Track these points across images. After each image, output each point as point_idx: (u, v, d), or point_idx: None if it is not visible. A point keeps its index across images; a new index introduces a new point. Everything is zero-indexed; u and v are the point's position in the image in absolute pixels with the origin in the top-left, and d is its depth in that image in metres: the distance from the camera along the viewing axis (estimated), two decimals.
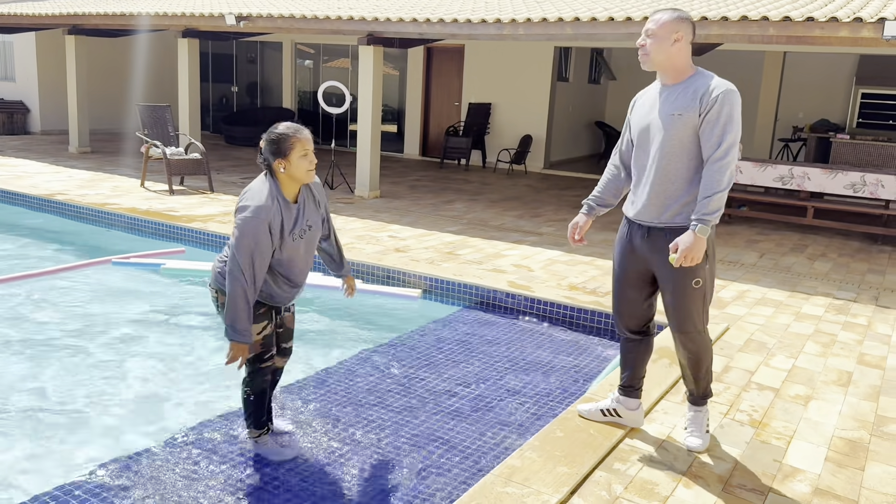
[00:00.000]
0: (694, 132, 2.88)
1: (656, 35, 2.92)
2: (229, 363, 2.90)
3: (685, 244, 2.80)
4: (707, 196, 2.82)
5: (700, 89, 2.87)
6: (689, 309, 2.99)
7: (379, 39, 8.96)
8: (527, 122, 13.10)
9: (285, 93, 15.78)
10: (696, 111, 2.85)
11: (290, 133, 2.87)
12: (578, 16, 7.30)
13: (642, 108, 3.07)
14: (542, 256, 6.62)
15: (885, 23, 5.79)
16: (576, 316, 5.06)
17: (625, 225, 3.17)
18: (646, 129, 3.00)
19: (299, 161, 2.87)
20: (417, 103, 14.22)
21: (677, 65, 2.93)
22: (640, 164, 3.06)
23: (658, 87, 3.04)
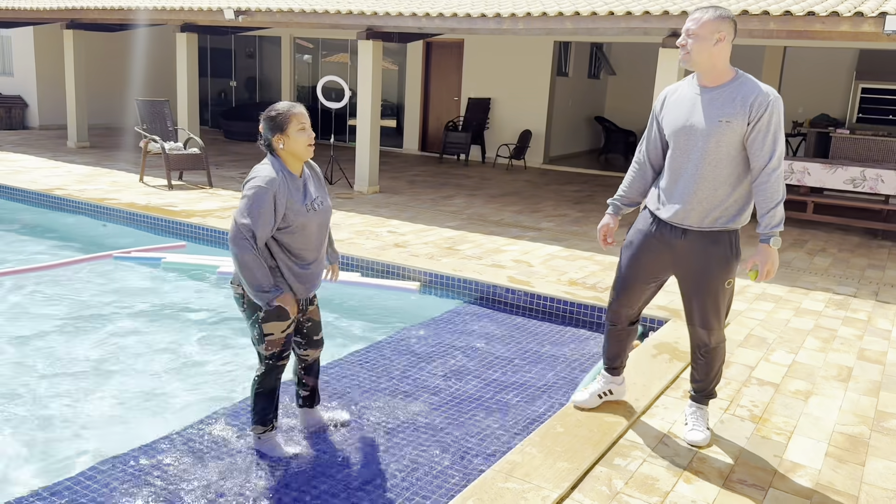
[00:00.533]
0: (740, 140, 2.86)
1: (698, 35, 2.87)
2: (291, 312, 2.98)
3: (764, 260, 2.86)
4: (771, 209, 2.85)
5: (749, 96, 2.83)
6: (718, 307, 3.09)
7: (378, 34, 8.94)
8: (526, 117, 13.08)
9: (284, 88, 15.74)
10: (745, 119, 2.82)
11: (285, 108, 2.93)
12: (578, 10, 7.27)
13: (678, 109, 3.00)
14: (542, 252, 6.61)
15: (886, 17, 5.78)
16: (576, 311, 5.06)
17: (651, 223, 3.12)
18: (686, 132, 2.95)
19: (297, 135, 2.91)
20: (417, 98, 14.20)
21: (718, 66, 2.88)
22: (677, 167, 3.01)
23: (695, 87, 2.99)
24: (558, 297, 5.14)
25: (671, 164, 3.03)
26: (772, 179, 2.82)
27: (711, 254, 2.98)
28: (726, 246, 2.99)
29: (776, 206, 2.83)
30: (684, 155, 2.96)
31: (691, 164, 2.94)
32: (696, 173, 2.92)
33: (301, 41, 15.57)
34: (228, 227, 6.41)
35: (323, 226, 3.07)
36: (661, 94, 3.14)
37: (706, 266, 3.00)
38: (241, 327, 4.90)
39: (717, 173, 2.90)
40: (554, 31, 7.73)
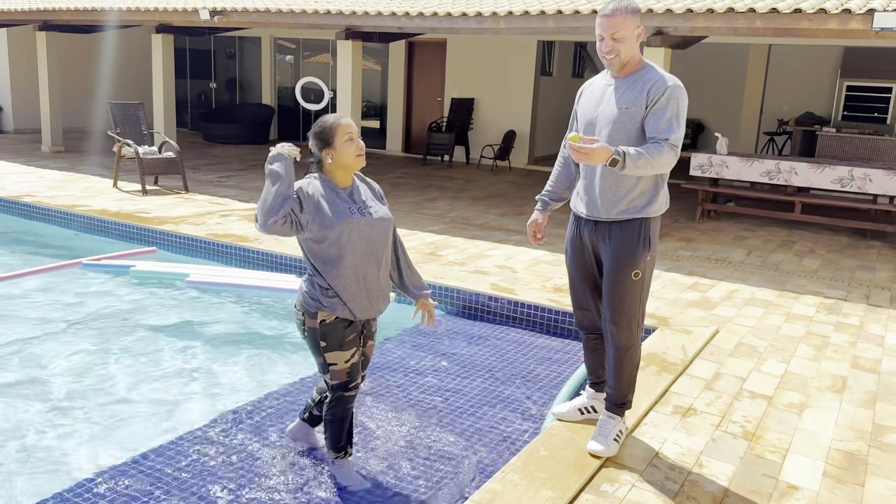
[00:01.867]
0: (640, 126, 2.84)
1: (625, 38, 2.84)
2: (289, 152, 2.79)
3: (600, 145, 2.71)
4: (644, 153, 2.74)
5: (649, 83, 2.82)
6: (625, 301, 2.96)
7: (358, 34, 8.73)
8: (510, 117, 12.91)
9: (265, 89, 15.49)
10: (643, 103, 2.81)
11: (330, 121, 2.80)
12: (561, 8, 7.11)
13: (589, 101, 3.01)
14: (526, 256, 6.44)
15: (874, 14, 5.65)
16: (561, 320, 4.89)
17: (573, 222, 3.15)
18: (592, 123, 2.96)
19: (345, 146, 2.77)
20: (399, 99, 14.00)
21: (635, 58, 2.89)
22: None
23: (606, 78, 2.99)
24: (543, 305, 4.96)
25: (580, 183, 3.05)
26: (662, 148, 2.75)
27: (618, 242, 2.93)
28: (634, 234, 2.93)
29: (646, 156, 2.73)
30: (591, 134, 2.95)
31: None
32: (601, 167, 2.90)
33: (282, 41, 15.32)
34: (203, 234, 6.15)
35: (374, 239, 2.83)
36: (580, 89, 3.14)
37: (612, 255, 2.95)
38: (212, 336, 4.69)
39: None
40: (536, 31, 7.56)
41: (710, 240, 7.50)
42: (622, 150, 2.73)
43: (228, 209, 7.87)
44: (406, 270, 3.08)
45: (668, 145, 2.77)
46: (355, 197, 2.83)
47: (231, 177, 10.27)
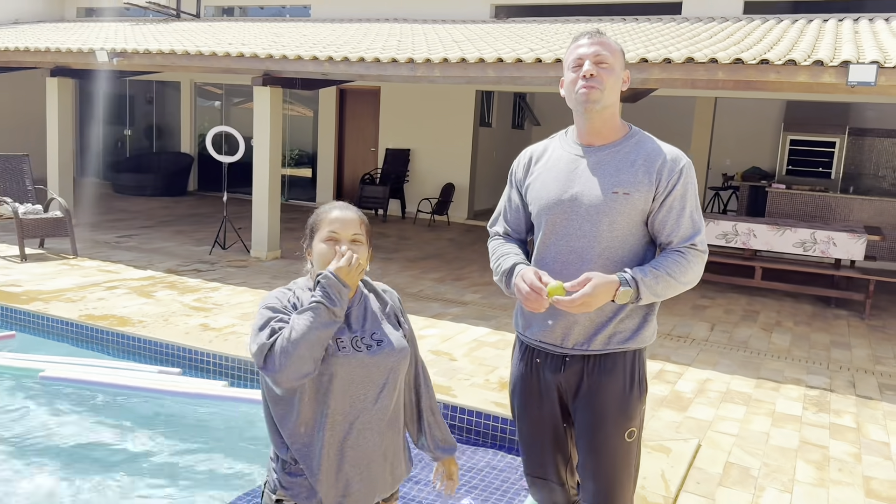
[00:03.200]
0: (642, 219, 2.03)
1: (613, 71, 2.01)
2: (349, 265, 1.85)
3: (597, 283, 1.90)
4: (665, 273, 1.96)
5: (654, 159, 2.02)
6: (615, 472, 2.07)
7: (277, 80, 7.84)
8: (449, 169, 12.17)
9: (184, 137, 14.40)
10: (650, 190, 2.00)
11: (322, 209, 1.96)
12: (502, 56, 6.39)
13: (551, 175, 2.12)
14: (467, 336, 5.54)
15: (849, 67, 5.08)
16: (509, 430, 3.97)
17: (523, 353, 2.21)
18: (565, 210, 2.06)
19: (321, 248, 1.88)
20: (330, 148, 13.11)
21: (616, 116, 2.09)
22: (551, 259, 2.08)
23: (574, 146, 2.10)
24: (486, 411, 4.04)
25: (541, 256, 2.12)
26: (689, 261, 1.99)
27: (603, 388, 2.05)
28: (623, 376, 2.07)
29: (673, 276, 1.96)
30: (562, 242, 2.07)
31: (573, 256, 2.03)
32: (579, 269, 2.02)
33: (205, 86, 14.32)
34: (76, 315, 5.03)
35: (372, 383, 1.87)
36: (524, 155, 2.24)
37: (595, 407, 2.06)
38: (66, 450, 3.59)
39: (609, 268, 2.01)
40: (475, 80, 6.83)
41: (668, 311, 6.77)
42: (631, 274, 1.92)
43: (118, 279, 6.75)
44: (429, 419, 2.08)
45: (694, 254, 1.99)
46: (352, 318, 1.91)
47: (133, 236, 9.12)
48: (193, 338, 5.04)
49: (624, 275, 1.94)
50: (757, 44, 6.52)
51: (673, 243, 2.02)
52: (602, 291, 1.89)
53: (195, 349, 4.84)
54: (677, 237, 2.01)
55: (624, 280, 1.92)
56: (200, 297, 6.24)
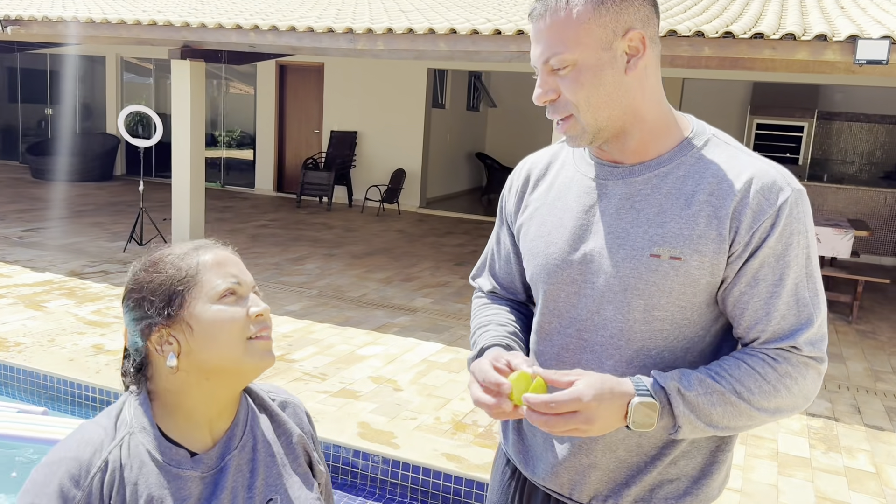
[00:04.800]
0: (706, 298, 1.19)
1: (584, 64, 1.15)
2: None
3: (593, 385, 1.09)
4: (733, 386, 1.14)
5: (726, 188, 1.16)
6: None
7: (198, 52, 6.85)
8: (399, 153, 11.28)
9: (109, 116, 13.18)
10: (721, 245, 1.15)
11: (171, 257, 1.13)
12: (455, 27, 5.54)
13: (550, 216, 1.30)
14: (415, 355, 4.74)
15: (857, 42, 4.38)
16: (466, 493, 3.18)
17: (512, 488, 1.39)
18: (573, 280, 1.25)
19: (214, 312, 1.10)
20: (270, 130, 12.09)
21: (647, 109, 1.20)
22: (553, 356, 1.29)
23: (589, 161, 1.28)
24: (435, 467, 3.23)
25: (538, 348, 1.33)
26: (785, 369, 1.15)
27: None
28: None
29: (744, 400, 1.14)
30: (569, 331, 1.27)
31: (588, 355, 1.25)
32: (595, 365, 1.26)
33: (133, 60, 13.11)
34: None
35: None
36: (519, 172, 1.41)
37: None
38: None
39: (646, 368, 1.22)
40: (425, 55, 5.98)
41: None
42: (660, 381, 1.12)
43: (6, 285, 5.74)
44: None
45: (798, 362, 1.16)
46: (227, 478, 1.12)
47: (40, 230, 8.04)
48: (78, 365, 4.12)
49: (645, 380, 1.13)
50: (738, 18, 5.80)
51: (759, 340, 1.17)
52: (599, 401, 1.08)
53: (74, 381, 3.93)
54: (768, 331, 1.16)
55: (641, 386, 1.12)
56: (101, 309, 5.29)
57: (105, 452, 1.06)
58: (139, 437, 1.08)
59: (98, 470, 1.04)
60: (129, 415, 1.10)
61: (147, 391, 1.12)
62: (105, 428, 1.08)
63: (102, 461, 1.05)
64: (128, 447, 1.07)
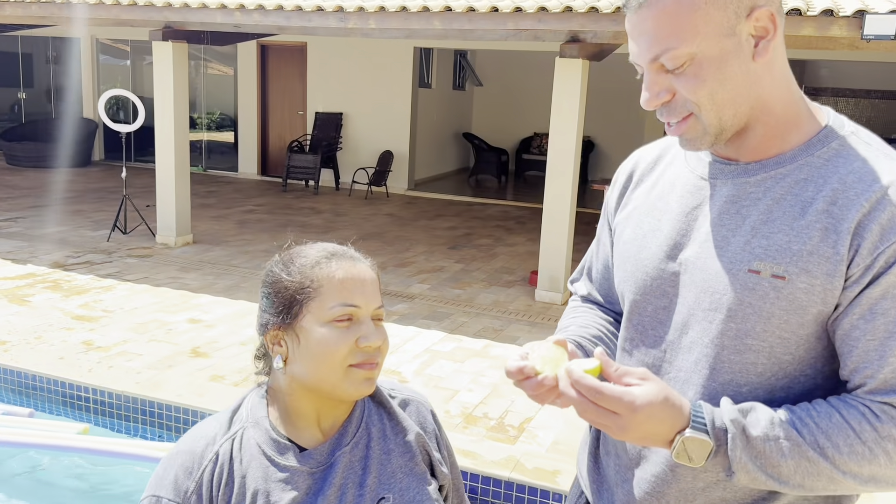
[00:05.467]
0: (815, 328, 1.01)
1: (703, 57, 0.98)
2: None
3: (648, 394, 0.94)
4: (816, 439, 0.95)
5: (851, 196, 0.98)
6: None
7: (180, 33, 6.60)
8: (386, 135, 11.09)
9: (85, 100, 12.82)
10: (837, 265, 0.98)
11: (303, 260, 1.10)
12: (450, 5, 5.37)
13: (651, 215, 1.16)
14: (417, 345, 4.62)
15: (864, 17, 4.28)
16: (483, 491, 3.08)
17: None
18: (664, 292, 1.12)
19: (322, 333, 1.06)
20: (252, 112, 11.82)
21: (775, 99, 1.04)
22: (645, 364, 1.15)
23: (702, 158, 1.12)
24: None
25: (622, 362, 1.19)
26: (888, 429, 0.95)
27: None
28: None
29: (825, 458, 0.95)
30: (650, 354, 1.13)
31: (668, 379, 1.10)
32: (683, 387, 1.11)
33: (108, 42, 12.73)
34: None
35: None
36: (626, 164, 1.27)
37: None
38: None
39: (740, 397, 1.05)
40: (417, 34, 5.80)
41: None
42: (726, 414, 0.97)
43: None
44: None
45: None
46: (335, 475, 1.09)
47: (19, 219, 7.78)
48: (68, 364, 3.95)
49: (708, 410, 0.96)
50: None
51: (865, 388, 0.97)
52: (648, 417, 0.93)
53: (65, 381, 3.76)
54: (878, 378, 0.96)
55: (698, 416, 0.95)
56: (88, 302, 5.10)
57: (217, 445, 1.09)
58: (251, 432, 1.10)
59: (209, 462, 1.08)
60: (246, 410, 1.13)
61: (267, 387, 1.15)
62: (220, 422, 1.12)
63: (213, 454, 1.08)
64: (240, 441, 1.09)
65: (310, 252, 1.11)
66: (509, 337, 4.85)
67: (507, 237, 8.16)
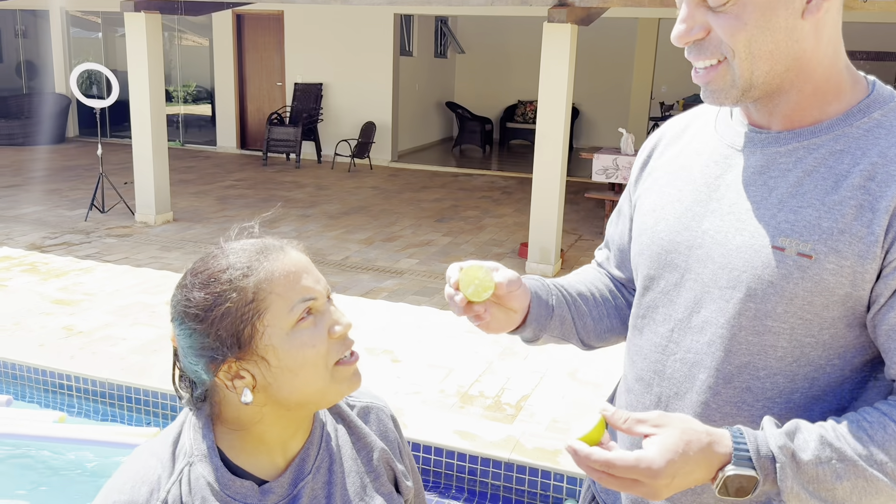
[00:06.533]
0: (847, 313, 0.92)
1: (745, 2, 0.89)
2: None
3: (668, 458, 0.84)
4: (870, 451, 0.85)
5: (892, 172, 0.88)
6: None
7: (153, 3, 6.35)
8: (368, 105, 10.87)
9: (58, 74, 12.43)
10: (872, 245, 0.88)
11: (236, 275, 0.90)
12: None
13: (673, 185, 1.07)
14: (408, 319, 4.52)
15: None
16: (483, 472, 3.00)
17: None
18: (677, 267, 1.03)
19: (298, 339, 0.91)
20: (230, 84, 11.53)
21: (820, 65, 0.94)
22: (640, 371, 1.09)
23: (735, 128, 1.03)
24: (448, 447, 3.04)
25: (629, 358, 1.13)
26: None
27: None
28: None
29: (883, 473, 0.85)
30: (660, 335, 1.05)
31: (675, 361, 1.02)
32: (684, 401, 1.01)
33: (78, 14, 12.32)
34: None
35: None
36: (653, 135, 1.19)
37: None
38: None
39: (746, 415, 0.97)
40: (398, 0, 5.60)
41: None
42: (772, 440, 0.86)
43: None
44: None
45: None
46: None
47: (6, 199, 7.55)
48: (49, 351, 3.82)
49: (749, 435, 0.87)
50: None
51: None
52: (673, 474, 0.84)
53: (46, 370, 3.63)
54: None
55: (740, 450, 0.86)
56: (67, 285, 4.94)
57: (163, 492, 0.91)
58: (200, 468, 0.92)
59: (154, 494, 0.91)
60: (189, 439, 0.95)
61: (208, 419, 0.96)
62: (161, 459, 0.93)
63: (161, 503, 0.90)
64: (188, 481, 0.92)
65: (232, 261, 0.91)
66: None
67: (495, 208, 8.05)
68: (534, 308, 1.10)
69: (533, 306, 1.10)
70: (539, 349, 4.12)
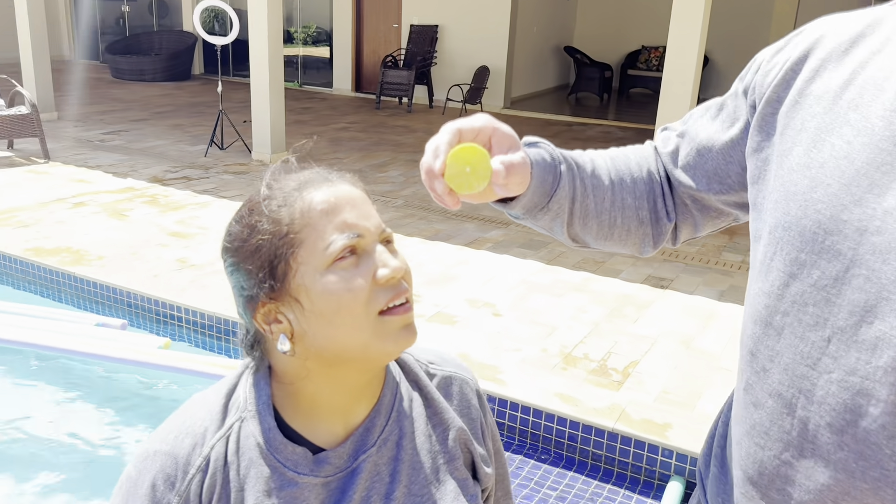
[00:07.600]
0: None
1: None
2: None
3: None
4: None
5: None
6: None
7: None
8: (483, 49, 10.58)
9: (185, 12, 12.83)
10: None
11: (272, 206, 0.79)
12: None
13: (839, 130, 0.72)
14: (512, 276, 4.37)
15: None
16: (584, 440, 2.85)
17: None
18: (839, 251, 0.70)
19: (335, 280, 0.77)
20: (347, 26, 11.52)
21: None
22: (777, 386, 0.76)
23: None
24: (548, 409, 2.90)
25: (763, 341, 0.78)
26: None
27: None
28: None
29: None
30: (812, 332, 0.72)
31: (831, 382, 0.70)
32: (878, 441, 0.67)
33: None
34: (12, 250, 3.89)
35: None
36: (802, 35, 0.81)
37: None
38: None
39: None
40: None
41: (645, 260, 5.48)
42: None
43: (89, 192, 5.61)
44: None
45: None
46: (356, 485, 0.83)
47: (122, 132, 7.91)
48: (162, 282, 3.94)
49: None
50: None
51: None
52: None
53: (158, 300, 3.74)
54: None
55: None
56: (184, 218, 5.10)
57: (207, 447, 0.82)
58: (251, 427, 0.82)
59: (198, 470, 0.81)
60: (244, 394, 0.84)
61: (269, 366, 0.85)
62: (211, 412, 0.84)
63: (203, 459, 0.81)
64: (236, 439, 0.82)
65: (273, 190, 0.81)
66: (612, 270, 4.52)
67: None
68: (531, 195, 0.89)
69: (531, 193, 0.89)
70: (652, 314, 3.87)
